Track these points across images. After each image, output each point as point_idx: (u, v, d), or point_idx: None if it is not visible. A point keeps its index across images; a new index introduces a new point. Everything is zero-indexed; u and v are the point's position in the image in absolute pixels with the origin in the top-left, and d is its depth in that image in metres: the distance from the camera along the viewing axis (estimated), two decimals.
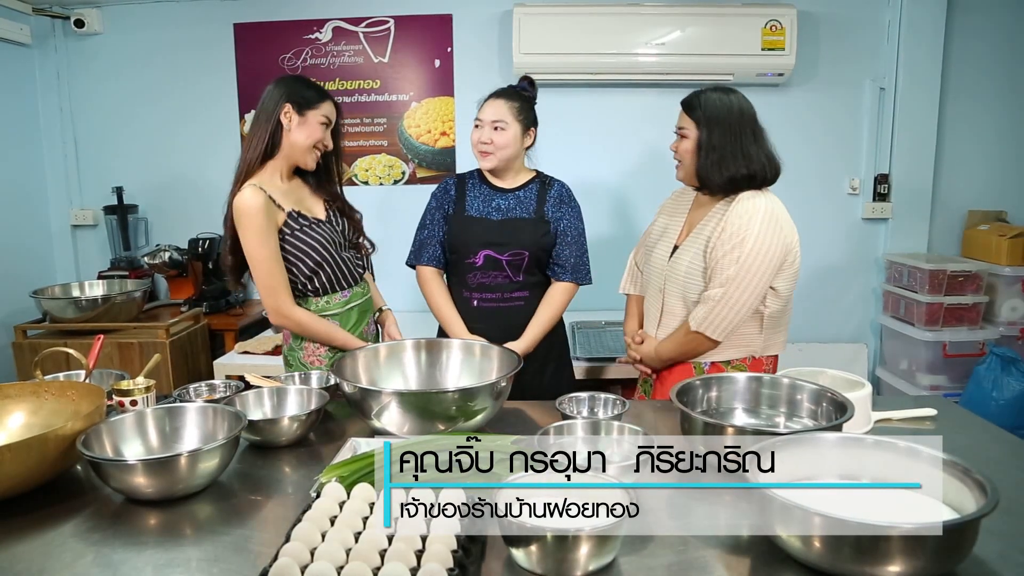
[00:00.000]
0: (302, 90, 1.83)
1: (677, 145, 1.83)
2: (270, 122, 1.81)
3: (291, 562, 0.89)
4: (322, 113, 1.83)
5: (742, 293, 1.70)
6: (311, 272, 1.84)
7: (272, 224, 1.78)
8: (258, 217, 1.74)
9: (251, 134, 1.84)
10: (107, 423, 1.29)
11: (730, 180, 1.74)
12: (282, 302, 1.80)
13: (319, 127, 1.83)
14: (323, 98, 1.84)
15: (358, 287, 1.95)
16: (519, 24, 3.05)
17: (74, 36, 3.34)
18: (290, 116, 1.80)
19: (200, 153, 3.42)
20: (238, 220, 1.76)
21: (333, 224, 1.91)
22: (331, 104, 1.87)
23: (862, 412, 1.46)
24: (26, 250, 3.34)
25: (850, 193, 3.33)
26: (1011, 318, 3.08)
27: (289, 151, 1.83)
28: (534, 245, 2.00)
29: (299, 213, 1.83)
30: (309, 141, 1.82)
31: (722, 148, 1.74)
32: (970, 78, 3.25)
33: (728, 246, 1.71)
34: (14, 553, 1.04)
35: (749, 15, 3.03)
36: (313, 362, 1.90)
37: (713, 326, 1.73)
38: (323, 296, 1.88)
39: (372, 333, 2.02)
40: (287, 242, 1.81)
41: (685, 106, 1.82)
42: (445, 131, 3.36)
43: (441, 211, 2.07)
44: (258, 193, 1.76)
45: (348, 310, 1.91)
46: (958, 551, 0.90)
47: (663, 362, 1.88)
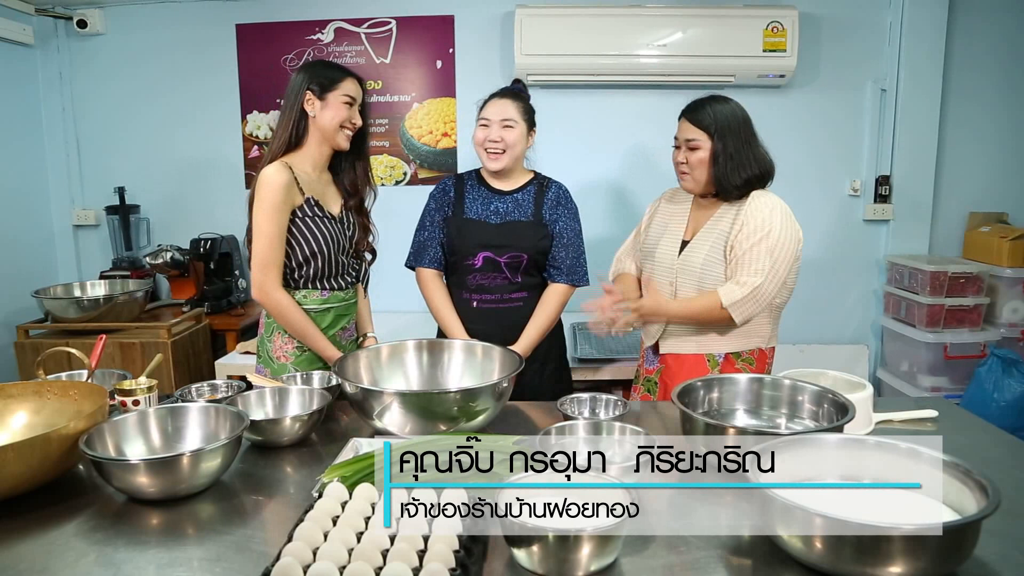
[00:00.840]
0: (321, 73, 1.82)
1: (687, 157, 1.83)
2: (294, 111, 1.82)
3: (293, 562, 0.89)
4: (343, 92, 1.82)
5: (771, 284, 1.74)
6: (303, 260, 1.83)
7: (287, 204, 1.78)
8: (276, 193, 1.76)
9: (278, 124, 1.86)
10: (109, 423, 1.29)
11: (746, 183, 1.80)
12: (270, 280, 1.79)
13: (343, 107, 1.82)
14: (343, 76, 1.83)
15: (342, 292, 1.92)
16: (521, 25, 3.05)
17: (76, 36, 3.34)
18: (312, 102, 1.81)
19: (202, 153, 3.42)
20: (257, 191, 1.78)
21: (343, 225, 1.90)
22: (352, 81, 1.85)
23: (863, 413, 1.46)
24: (28, 250, 3.34)
25: (851, 194, 3.33)
26: (1012, 320, 3.08)
27: (320, 136, 1.84)
28: (532, 248, 2.00)
29: (316, 202, 1.83)
30: (335, 122, 1.82)
31: (737, 154, 1.78)
32: (971, 80, 3.25)
33: (756, 238, 1.74)
34: (17, 552, 1.05)
35: (750, 16, 3.03)
36: (279, 357, 1.88)
37: (744, 311, 1.74)
38: (302, 290, 1.86)
39: (348, 339, 1.97)
40: (295, 225, 1.81)
41: (692, 118, 1.82)
42: (447, 132, 3.37)
43: (440, 213, 2.06)
44: (284, 171, 1.77)
45: (324, 310, 1.89)
46: (959, 552, 0.90)
47: (662, 317, 1.83)
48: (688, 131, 1.82)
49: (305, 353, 1.88)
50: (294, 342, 1.87)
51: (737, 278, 1.75)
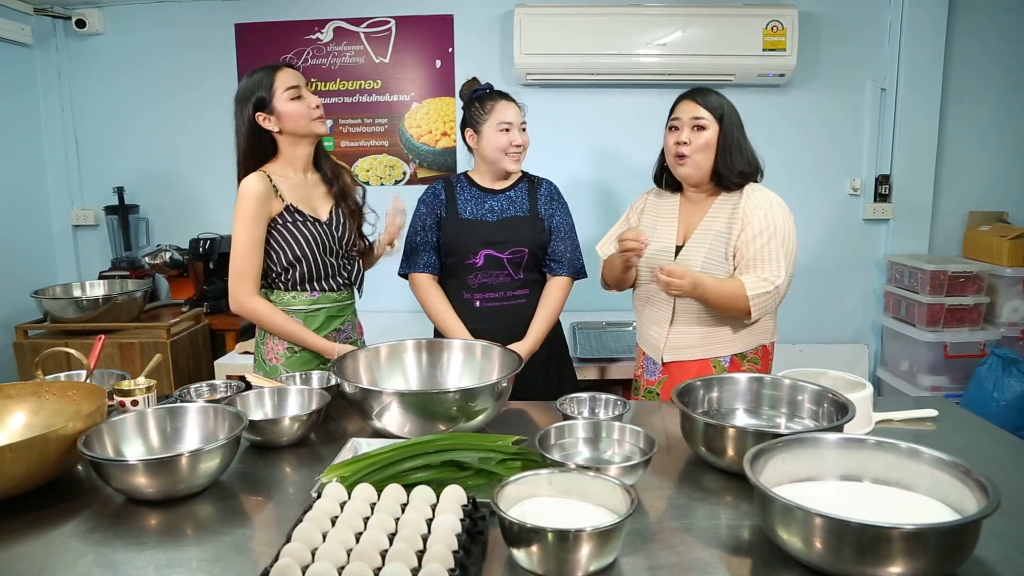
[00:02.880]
0: (255, 88, 1.77)
1: (692, 137, 1.78)
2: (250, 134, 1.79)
3: (292, 562, 0.89)
4: (283, 90, 1.77)
5: (788, 283, 1.74)
6: (288, 265, 1.83)
7: (263, 214, 1.77)
8: (250, 204, 1.75)
9: (238, 148, 1.83)
10: (108, 423, 1.29)
11: (742, 174, 1.80)
12: (244, 290, 1.78)
13: (294, 105, 1.78)
14: (271, 77, 1.77)
15: (334, 293, 1.91)
16: (520, 25, 3.05)
17: (75, 36, 3.34)
18: (265, 119, 1.78)
19: (201, 153, 3.42)
20: (236, 202, 1.78)
21: (331, 227, 1.88)
22: (284, 72, 1.79)
23: (863, 413, 1.46)
24: (27, 250, 3.34)
25: (851, 194, 3.32)
26: (1012, 319, 3.08)
27: (292, 140, 1.82)
28: (532, 242, 2.01)
29: (296, 208, 1.82)
30: (302, 122, 1.80)
31: (739, 144, 1.79)
32: (971, 79, 3.25)
33: (764, 237, 1.73)
34: (15, 553, 1.04)
35: (750, 16, 3.03)
36: (271, 360, 1.88)
37: (762, 306, 1.72)
38: (291, 291, 1.86)
39: (343, 341, 1.94)
40: (277, 231, 1.81)
41: (700, 99, 1.80)
42: (446, 131, 3.37)
43: (432, 216, 2.05)
44: (260, 181, 1.77)
45: (315, 311, 1.88)
46: (959, 552, 0.90)
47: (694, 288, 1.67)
48: (695, 110, 1.79)
49: (296, 355, 1.87)
50: (284, 344, 1.87)
51: (759, 274, 1.72)
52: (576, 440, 1.31)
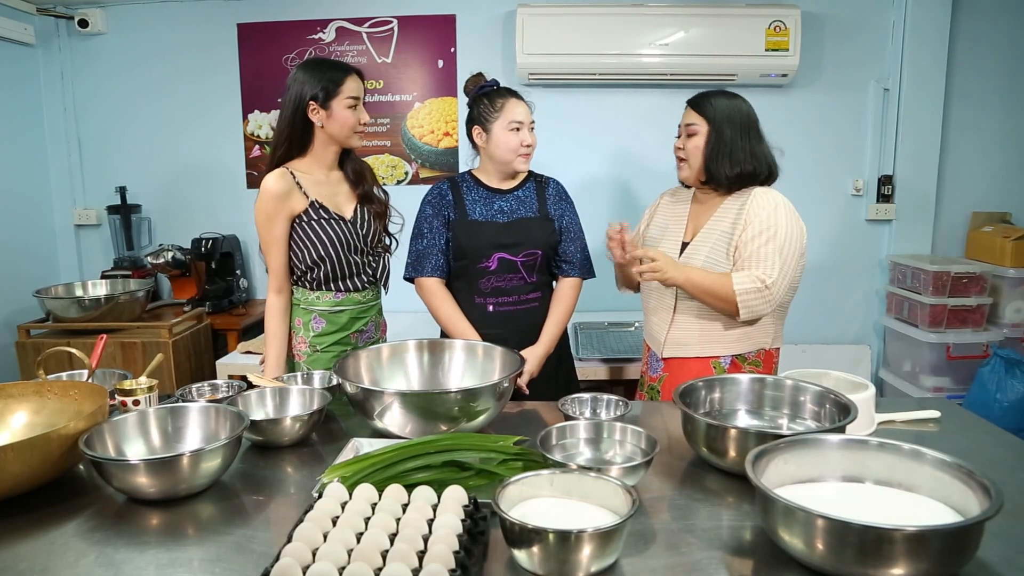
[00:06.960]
0: (321, 78, 1.78)
1: (684, 142, 1.85)
2: (295, 116, 1.80)
3: (293, 562, 0.89)
4: (347, 96, 1.80)
5: (782, 286, 1.72)
6: (312, 264, 1.85)
7: (283, 212, 1.80)
8: (269, 202, 1.78)
9: (278, 128, 1.85)
10: (109, 423, 1.29)
11: (738, 176, 1.79)
12: (271, 284, 1.86)
13: (348, 113, 1.81)
14: (343, 76, 1.79)
15: (358, 294, 1.92)
16: (523, 24, 3.05)
17: (78, 36, 3.34)
18: (316, 111, 1.80)
19: (203, 153, 3.42)
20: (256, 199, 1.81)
21: (356, 226, 1.88)
22: (354, 79, 1.82)
23: (865, 414, 1.46)
24: (29, 249, 3.34)
25: (854, 194, 3.32)
26: (1015, 320, 3.07)
27: (327, 139, 1.84)
28: (545, 244, 1.98)
29: (321, 205, 1.83)
30: (345, 130, 1.82)
31: (731, 144, 1.79)
32: (974, 80, 3.24)
33: (763, 238, 1.72)
34: (17, 552, 1.04)
35: (753, 16, 3.03)
36: (295, 355, 1.92)
37: (751, 305, 1.70)
38: (316, 291, 1.88)
39: (366, 341, 1.96)
40: (301, 229, 1.83)
41: (694, 104, 1.85)
42: (448, 131, 3.37)
43: (440, 218, 1.99)
44: (283, 178, 1.79)
45: (338, 312, 1.90)
46: (962, 554, 0.90)
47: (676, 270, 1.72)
48: (688, 116, 1.85)
49: (316, 354, 1.89)
50: (307, 342, 1.90)
51: (752, 272, 1.71)
52: (577, 441, 1.31)
